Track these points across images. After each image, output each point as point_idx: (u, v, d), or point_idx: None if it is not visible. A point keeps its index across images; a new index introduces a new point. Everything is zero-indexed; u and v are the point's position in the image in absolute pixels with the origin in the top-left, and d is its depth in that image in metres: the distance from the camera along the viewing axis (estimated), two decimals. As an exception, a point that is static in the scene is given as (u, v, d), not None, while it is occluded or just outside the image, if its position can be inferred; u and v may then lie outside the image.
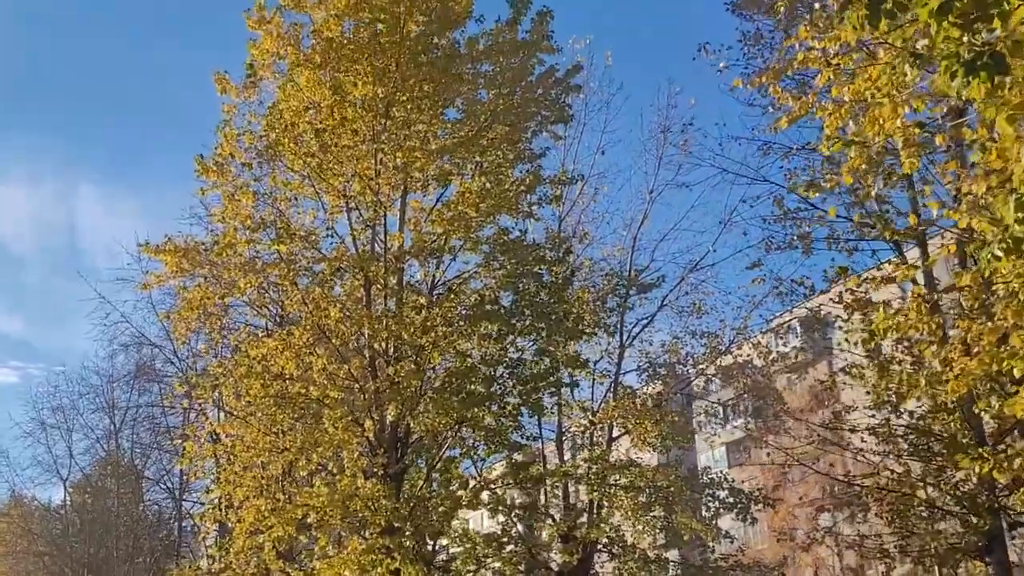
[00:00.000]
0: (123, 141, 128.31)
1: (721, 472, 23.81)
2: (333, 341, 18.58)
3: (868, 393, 15.54)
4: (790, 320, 17.08)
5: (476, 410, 18.33)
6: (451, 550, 21.11)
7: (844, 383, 15.89)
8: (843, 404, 17.67)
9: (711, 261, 23.80)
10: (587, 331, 21.47)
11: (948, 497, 15.51)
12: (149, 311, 38.96)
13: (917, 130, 7.74)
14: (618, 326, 23.10)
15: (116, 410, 41.90)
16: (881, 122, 8.38)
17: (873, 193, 12.08)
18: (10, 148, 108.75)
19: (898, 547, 16.38)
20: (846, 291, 15.83)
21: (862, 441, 16.35)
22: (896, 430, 15.76)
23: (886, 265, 15.78)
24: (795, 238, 16.41)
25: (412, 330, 18.19)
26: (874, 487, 16.17)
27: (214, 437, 21.72)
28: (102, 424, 43.62)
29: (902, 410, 15.48)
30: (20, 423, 60.19)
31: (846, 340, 13.31)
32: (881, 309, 8.37)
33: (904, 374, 12.27)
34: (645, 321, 23.80)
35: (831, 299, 16.34)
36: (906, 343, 13.98)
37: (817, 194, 9.58)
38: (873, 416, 16.14)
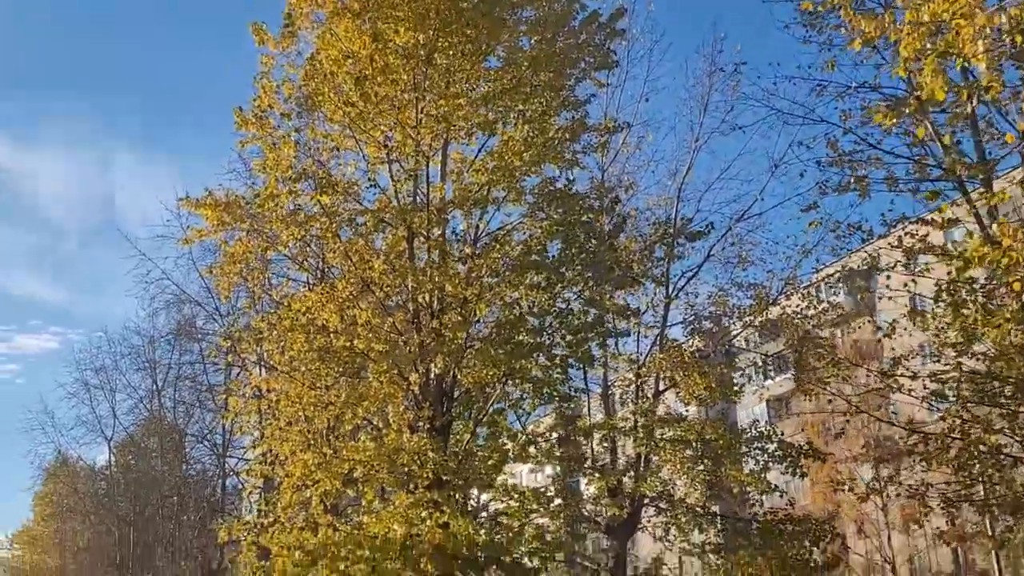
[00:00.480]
0: (156, 110, 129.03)
1: (770, 425, 23.40)
2: (377, 294, 18.36)
3: (936, 336, 14.99)
4: (847, 265, 16.40)
5: (524, 362, 18.06)
6: (496, 506, 20.89)
7: (906, 328, 15.35)
8: (898, 352, 17.10)
9: (759, 210, 23.28)
10: (639, 279, 21.08)
11: (1020, 444, 15.00)
12: (190, 268, 39.09)
13: (1019, 38, 7.22)
14: (664, 277, 22.68)
15: (158, 370, 42.19)
16: (960, 45, 7.90)
17: (970, 108, 11.51)
18: (47, 118, 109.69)
19: (962, 496, 15.94)
20: (906, 234, 15.37)
21: (924, 388, 15.83)
22: (961, 375, 15.17)
23: (949, 208, 15.22)
24: (851, 180, 15.79)
25: (456, 282, 17.93)
26: (940, 434, 15.68)
27: (258, 392, 21.62)
28: (144, 384, 44.02)
29: (970, 353, 14.92)
30: (64, 384, 60.98)
31: (913, 281, 12.84)
32: (974, 236, 7.93)
33: (979, 313, 11.80)
34: (691, 273, 23.34)
35: (889, 244, 15.82)
36: (980, 282, 13.42)
37: (894, 121, 9.07)
38: (937, 361, 15.62)
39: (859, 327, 25.86)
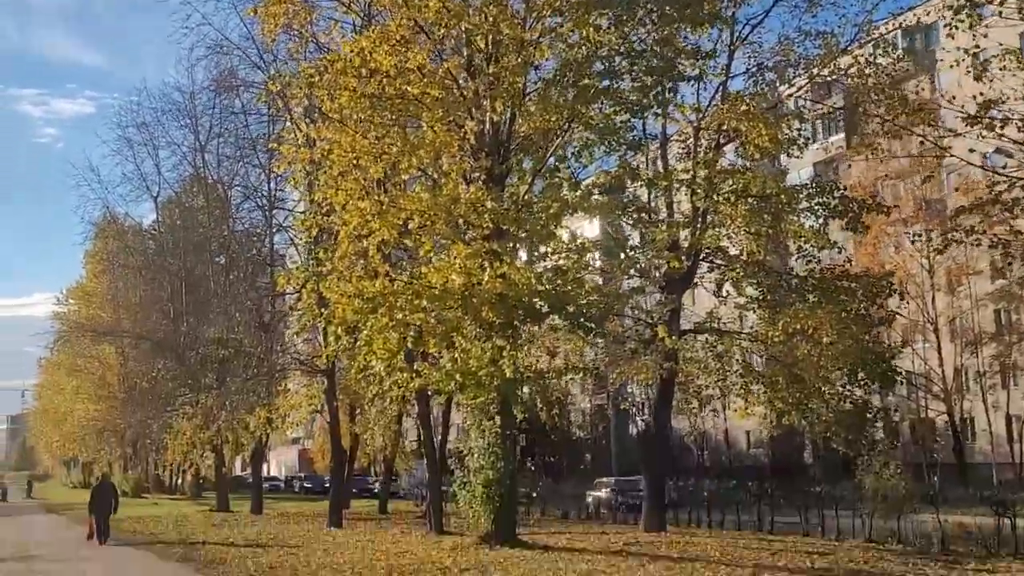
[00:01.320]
0: None
1: (833, 178, 22.68)
2: (431, 36, 17.45)
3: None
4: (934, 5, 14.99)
5: (589, 107, 17.26)
6: (549, 264, 20.63)
7: (1001, 68, 14.27)
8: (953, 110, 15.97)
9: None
10: (714, 17, 19.77)
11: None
12: (230, 13, 37.72)
13: None
14: (731, 21, 21.25)
15: (200, 124, 41.39)
16: None
17: None
18: None
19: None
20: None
21: (1019, 130, 14.93)
22: None
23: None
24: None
25: (515, 23, 16.92)
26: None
27: (308, 141, 21.07)
28: (187, 140, 43.43)
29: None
30: (107, 141, 60.63)
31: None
32: None
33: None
34: (757, 19, 21.94)
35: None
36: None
37: None
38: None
39: (920, 85, 24.60)
